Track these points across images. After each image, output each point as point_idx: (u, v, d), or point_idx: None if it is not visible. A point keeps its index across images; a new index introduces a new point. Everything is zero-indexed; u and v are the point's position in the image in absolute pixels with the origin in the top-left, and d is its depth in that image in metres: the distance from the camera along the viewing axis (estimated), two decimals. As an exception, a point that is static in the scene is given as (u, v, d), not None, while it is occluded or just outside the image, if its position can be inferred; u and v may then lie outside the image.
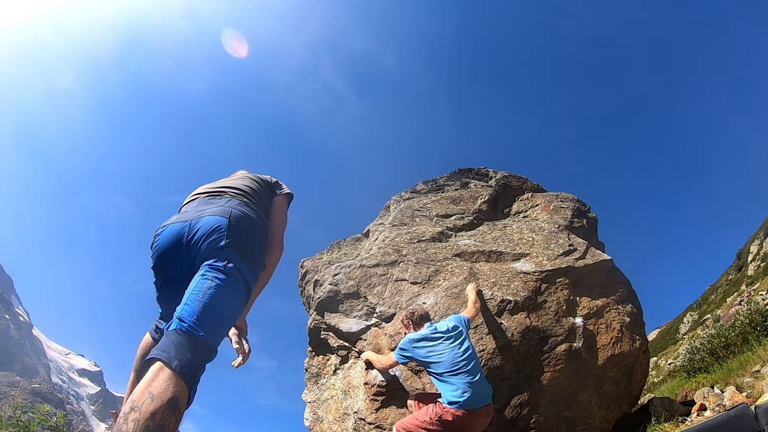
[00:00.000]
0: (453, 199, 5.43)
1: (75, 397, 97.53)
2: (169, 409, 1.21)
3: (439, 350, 2.87)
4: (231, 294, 1.57)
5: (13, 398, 4.10)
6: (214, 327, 1.46)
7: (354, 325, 3.87)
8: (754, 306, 8.61)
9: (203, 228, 1.70)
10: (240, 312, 1.66)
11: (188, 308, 1.46)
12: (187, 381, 1.29)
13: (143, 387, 1.23)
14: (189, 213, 1.83)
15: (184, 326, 1.40)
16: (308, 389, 4.08)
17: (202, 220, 1.73)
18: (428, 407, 2.82)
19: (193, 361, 1.34)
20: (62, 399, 74.70)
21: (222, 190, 1.98)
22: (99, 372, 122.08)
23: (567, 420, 3.39)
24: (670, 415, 3.37)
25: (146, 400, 1.20)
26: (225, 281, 1.56)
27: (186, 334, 1.39)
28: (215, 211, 1.77)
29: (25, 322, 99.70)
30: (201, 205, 1.87)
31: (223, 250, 1.64)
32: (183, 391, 1.27)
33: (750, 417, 2.24)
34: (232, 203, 1.85)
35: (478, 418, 2.72)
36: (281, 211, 2.24)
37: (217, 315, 1.48)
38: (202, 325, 1.42)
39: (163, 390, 1.22)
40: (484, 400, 2.76)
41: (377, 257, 4.34)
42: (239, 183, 2.10)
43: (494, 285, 3.78)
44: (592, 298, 3.91)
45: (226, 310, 1.54)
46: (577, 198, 5.42)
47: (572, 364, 3.44)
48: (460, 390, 2.70)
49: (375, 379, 3.27)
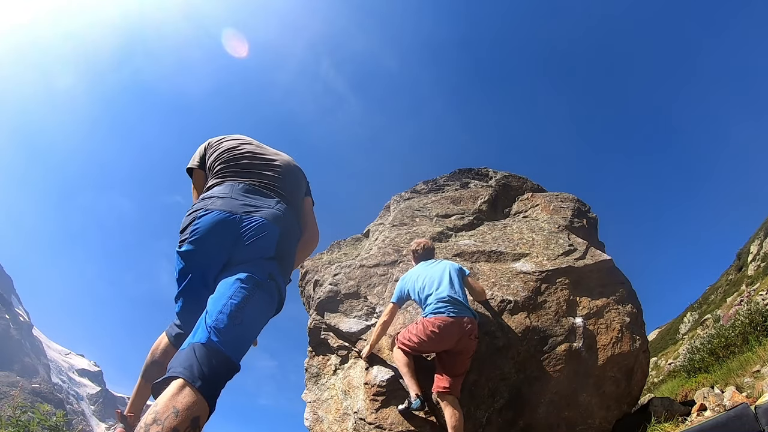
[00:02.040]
0: (453, 199, 5.43)
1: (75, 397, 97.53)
2: (191, 427, 1.17)
3: (423, 275, 3.30)
4: (264, 312, 1.50)
5: (13, 398, 4.09)
6: (243, 345, 1.39)
7: (354, 325, 3.87)
8: (754, 306, 8.61)
9: (254, 228, 1.59)
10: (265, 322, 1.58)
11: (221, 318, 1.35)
12: (209, 401, 1.24)
13: (166, 400, 1.18)
14: (235, 203, 1.69)
15: (215, 341, 1.30)
16: (308, 389, 4.08)
17: (254, 218, 1.62)
18: (414, 323, 3.20)
19: (217, 382, 1.27)
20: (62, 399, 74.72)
21: (273, 188, 1.87)
22: (99, 372, 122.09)
23: (567, 420, 3.39)
24: (670, 415, 3.37)
25: (170, 414, 1.15)
26: (263, 297, 1.49)
27: (214, 351, 1.29)
28: (268, 214, 1.66)
29: (25, 322, 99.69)
30: (250, 199, 1.74)
31: (268, 262, 1.57)
32: (205, 410, 1.23)
33: (750, 417, 2.24)
34: (282, 209, 1.74)
35: (462, 326, 2.98)
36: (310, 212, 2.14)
37: (248, 333, 1.41)
38: (232, 342, 1.34)
39: (187, 407, 1.17)
40: (464, 312, 3.05)
41: (377, 257, 4.34)
42: (288, 182, 1.98)
43: (494, 285, 3.78)
44: (592, 298, 3.91)
45: (257, 328, 1.47)
46: (577, 198, 5.42)
47: (572, 364, 3.44)
48: (439, 304, 3.05)
49: (375, 379, 3.27)
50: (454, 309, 3.03)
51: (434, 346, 3.07)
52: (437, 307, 3.06)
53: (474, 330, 3.03)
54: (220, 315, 1.36)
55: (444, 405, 2.90)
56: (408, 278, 3.41)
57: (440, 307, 3.05)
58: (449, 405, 2.88)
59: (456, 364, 3.03)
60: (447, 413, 2.86)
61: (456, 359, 3.04)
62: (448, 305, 3.05)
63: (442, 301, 3.07)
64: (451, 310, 3.02)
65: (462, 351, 3.03)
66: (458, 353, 3.04)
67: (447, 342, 3.00)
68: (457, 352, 3.04)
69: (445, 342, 3.01)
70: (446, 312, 3.01)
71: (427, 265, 3.46)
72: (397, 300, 3.38)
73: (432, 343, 3.02)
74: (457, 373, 3.01)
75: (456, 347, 3.02)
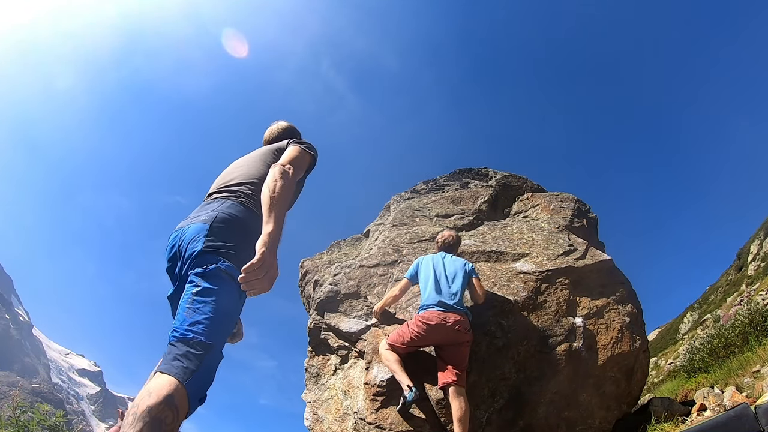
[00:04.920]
0: (453, 199, 5.43)
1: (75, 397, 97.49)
2: (165, 404, 1.25)
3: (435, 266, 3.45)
4: (219, 293, 1.54)
5: (13, 398, 4.09)
6: (206, 326, 1.45)
7: (354, 325, 3.87)
8: (754, 306, 8.61)
9: (188, 236, 1.69)
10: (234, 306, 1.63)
11: (179, 317, 1.48)
12: (186, 385, 1.32)
13: (142, 389, 1.29)
14: (188, 219, 1.82)
15: (176, 335, 1.42)
16: (308, 389, 4.08)
17: (190, 228, 1.72)
18: (405, 324, 3.33)
19: (188, 366, 1.36)
20: (62, 399, 74.69)
21: (223, 189, 1.94)
22: (99, 372, 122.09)
23: (567, 420, 3.39)
24: (670, 415, 3.36)
25: (144, 396, 1.26)
26: (211, 282, 1.55)
27: (179, 342, 1.41)
28: (204, 218, 1.75)
29: (25, 322, 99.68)
30: (199, 210, 1.86)
31: (202, 256, 1.61)
32: (181, 393, 1.30)
33: (750, 417, 2.24)
34: (223, 206, 1.81)
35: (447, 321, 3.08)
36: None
37: (207, 315, 1.48)
38: (192, 327, 1.43)
39: (160, 387, 1.28)
40: (452, 309, 3.15)
41: (377, 257, 4.34)
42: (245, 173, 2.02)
43: (494, 285, 3.78)
44: (592, 298, 3.91)
45: (217, 309, 1.51)
46: (577, 198, 5.42)
47: (572, 364, 3.44)
48: (431, 298, 3.21)
49: (375, 379, 3.27)
50: (443, 306, 3.17)
51: (425, 339, 3.15)
52: (428, 303, 3.22)
53: (463, 324, 3.11)
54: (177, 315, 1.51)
55: (451, 398, 2.92)
56: (424, 261, 3.57)
57: (431, 303, 3.21)
58: (456, 397, 2.90)
59: (456, 355, 3.08)
60: (454, 405, 2.88)
61: (454, 351, 3.09)
62: (440, 298, 3.21)
63: (435, 296, 3.23)
64: (440, 307, 3.16)
65: (457, 343, 3.10)
66: (454, 345, 3.10)
67: (436, 334, 3.10)
68: (453, 345, 3.10)
69: (434, 333, 3.10)
70: (435, 307, 3.17)
71: (445, 258, 3.58)
72: (410, 277, 3.57)
73: (422, 337, 3.12)
74: (459, 364, 3.04)
75: (448, 339, 3.09)
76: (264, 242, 1.54)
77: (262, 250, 1.51)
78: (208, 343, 1.43)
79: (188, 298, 1.51)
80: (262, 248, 1.51)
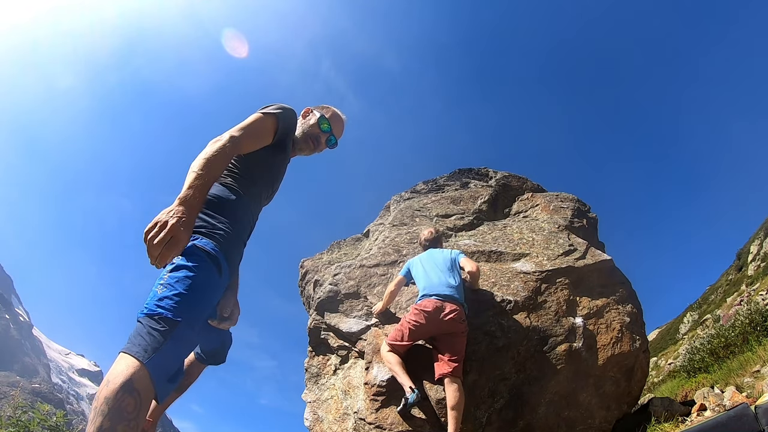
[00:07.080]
0: (453, 199, 5.43)
1: (75, 397, 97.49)
2: (123, 391, 1.20)
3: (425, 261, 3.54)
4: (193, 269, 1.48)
5: (13, 398, 4.10)
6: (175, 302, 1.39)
7: (354, 325, 3.87)
8: (754, 306, 8.61)
9: None
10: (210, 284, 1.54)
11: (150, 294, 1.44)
12: (147, 365, 1.27)
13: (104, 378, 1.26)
14: None
15: (143, 312, 1.38)
16: (308, 389, 4.08)
17: None
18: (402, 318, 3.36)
19: (150, 344, 1.31)
20: (62, 399, 74.64)
21: None
22: (99, 372, 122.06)
23: (567, 420, 3.39)
24: (670, 415, 3.36)
25: (103, 387, 1.23)
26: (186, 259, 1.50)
27: (144, 317, 1.36)
28: None
29: (25, 322, 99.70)
30: None
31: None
32: (141, 375, 1.25)
33: (750, 417, 2.24)
34: None
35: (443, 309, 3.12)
36: None
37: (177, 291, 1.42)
38: (160, 302, 1.38)
39: (117, 374, 1.23)
40: (449, 298, 3.19)
41: (377, 257, 4.34)
42: None
43: (494, 285, 3.78)
44: (592, 298, 3.91)
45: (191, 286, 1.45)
46: (577, 198, 5.42)
47: (572, 364, 3.44)
48: (427, 289, 3.29)
49: (375, 379, 3.27)
50: (439, 296, 3.23)
51: (423, 329, 3.18)
52: (424, 293, 3.29)
53: (459, 314, 3.15)
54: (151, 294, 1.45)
55: (447, 388, 2.93)
56: (414, 261, 3.67)
57: (427, 293, 3.27)
58: (451, 387, 2.91)
59: (452, 346, 3.10)
60: (449, 395, 2.89)
61: (450, 342, 3.12)
62: (436, 289, 3.27)
63: (431, 287, 3.31)
64: (437, 296, 3.23)
65: (452, 332, 3.13)
66: (449, 335, 3.14)
67: (432, 321, 3.14)
68: (449, 334, 3.14)
69: (430, 322, 3.14)
70: (432, 296, 3.23)
71: (431, 253, 3.66)
72: (404, 274, 3.64)
73: (420, 326, 3.17)
74: (455, 354, 3.06)
75: (444, 328, 3.13)
76: (172, 205, 1.46)
77: (162, 211, 1.43)
78: (175, 320, 1.36)
79: (162, 275, 1.47)
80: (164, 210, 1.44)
